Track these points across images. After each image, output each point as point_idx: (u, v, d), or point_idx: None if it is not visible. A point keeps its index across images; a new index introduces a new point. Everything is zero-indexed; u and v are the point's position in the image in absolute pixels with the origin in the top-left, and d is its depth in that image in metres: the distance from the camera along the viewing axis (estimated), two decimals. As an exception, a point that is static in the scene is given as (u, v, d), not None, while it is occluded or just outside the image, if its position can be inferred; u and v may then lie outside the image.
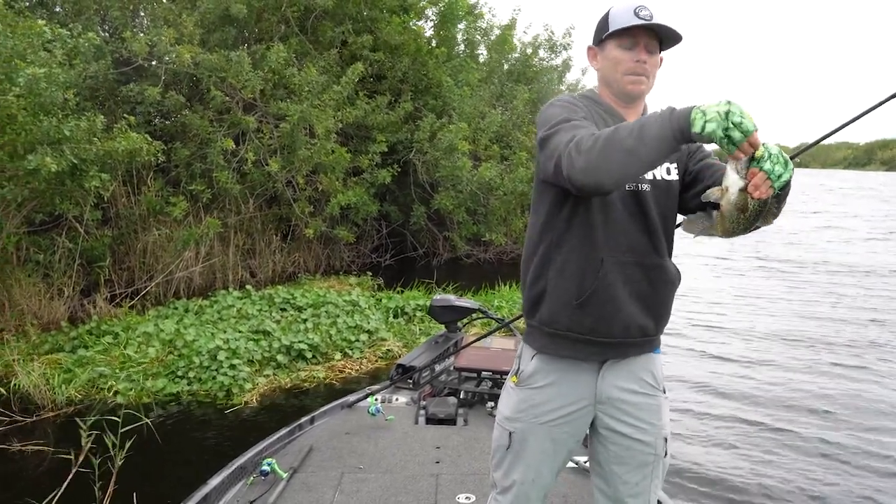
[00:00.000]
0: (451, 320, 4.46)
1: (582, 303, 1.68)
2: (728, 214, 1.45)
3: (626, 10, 1.68)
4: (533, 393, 1.78)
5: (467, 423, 3.54)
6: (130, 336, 5.83)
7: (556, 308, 1.72)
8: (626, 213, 1.69)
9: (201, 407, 4.82)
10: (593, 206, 1.67)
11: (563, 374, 1.76)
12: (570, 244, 1.70)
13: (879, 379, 5.49)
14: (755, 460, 4.04)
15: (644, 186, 1.71)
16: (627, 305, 1.70)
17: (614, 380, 1.75)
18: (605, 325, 1.69)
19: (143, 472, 3.58)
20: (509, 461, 1.81)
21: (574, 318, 1.70)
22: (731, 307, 8.25)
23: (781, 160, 1.34)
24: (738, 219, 1.44)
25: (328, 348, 5.90)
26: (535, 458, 1.78)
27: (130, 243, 7.59)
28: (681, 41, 1.72)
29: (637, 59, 1.70)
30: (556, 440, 1.78)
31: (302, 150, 8.31)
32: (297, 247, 9.54)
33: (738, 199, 1.41)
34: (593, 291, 1.67)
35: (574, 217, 1.69)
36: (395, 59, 10.42)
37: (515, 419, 1.80)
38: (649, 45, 1.71)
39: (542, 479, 1.80)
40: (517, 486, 1.80)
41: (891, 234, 15.99)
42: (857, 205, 25.16)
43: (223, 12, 8.50)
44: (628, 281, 1.69)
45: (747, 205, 1.40)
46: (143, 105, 7.67)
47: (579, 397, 1.76)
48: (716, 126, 1.30)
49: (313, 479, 2.88)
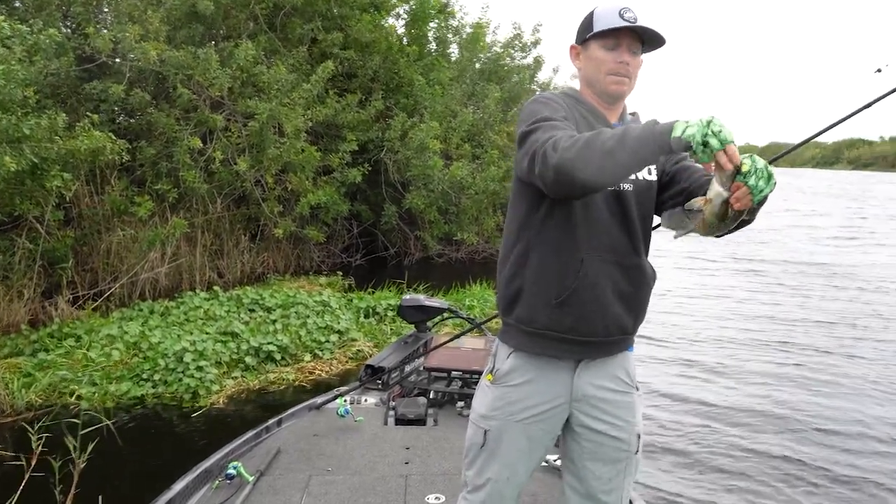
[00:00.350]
0: (421, 320, 4.44)
1: (562, 302, 1.68)
2: (709, 222, 1.49)
3: (611, 11, 1.69)
4: (509, 390, 1.77)
5: (437, 424, 3.52)
6: (94, 339, 5.71)
7: (534, 307, 1.71)
8: (608, 213, 1.70)
9: (167, 410, 4.75)
10: (574, 206, 1.67)
11: (540, 371, 1.75)
12: (548, 243, 1.70)
13: (840, 381, 5.49)
14: (715, 465, 4.02)
15: (626, 186, 1.72)
16: (610, 305, 1.70)
17: (590, 378, 1.76)
18: (585, 325, 1.70)
19: (107, 476, 3.51)
20: (483, 459, 1.80)
21: (553, 317, 1.69)
22: (697, 307, 8.32)
23: (765, 175, 1.35)
24: (717, 225, 1.49)
25: (298, 349, 5.84)
26: (511, 455, 1.77)
27: (94, 244, 7.42)
28: (664, 44, 1.74)
29: (620, 61, 1.71)
30: (531, 438, 1.77)
31: (271, 148, 8.22)
32: (266, 247, 9.42)
33: (720, 209, 1.44)
34: (573, 291, 1.67)
35: (552, 216, 1.69)
36: (366, 58, 10.36)
37: (491, 417, 1.78)
38: (632, 46, 1.72)
39: (517, 477, 1.80)
40: (491, 485, 1.79)
41: (859, 233, 16.31)
42: (827, 203, 25.68)
43: (190, 9, 8.36)
44: (610, 280, 1.70)
45: (727, 214, 1.44)
46: (106, 103, 7.50)
47: (556, 395, 1.75)
48: (695, 131, 1.32)
49: (280, 481, 2.84)
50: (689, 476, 3.89)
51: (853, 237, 15.60)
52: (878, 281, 10.02)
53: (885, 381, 5.47)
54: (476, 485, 1.82)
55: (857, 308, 8.18)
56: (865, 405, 4.95)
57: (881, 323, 7.43)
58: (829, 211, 22.73)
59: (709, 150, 1.32)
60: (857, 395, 5.17)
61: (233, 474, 2.79)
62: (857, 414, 4.79)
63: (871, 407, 4.91)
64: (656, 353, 6.26)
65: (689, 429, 4.53)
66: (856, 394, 5.19)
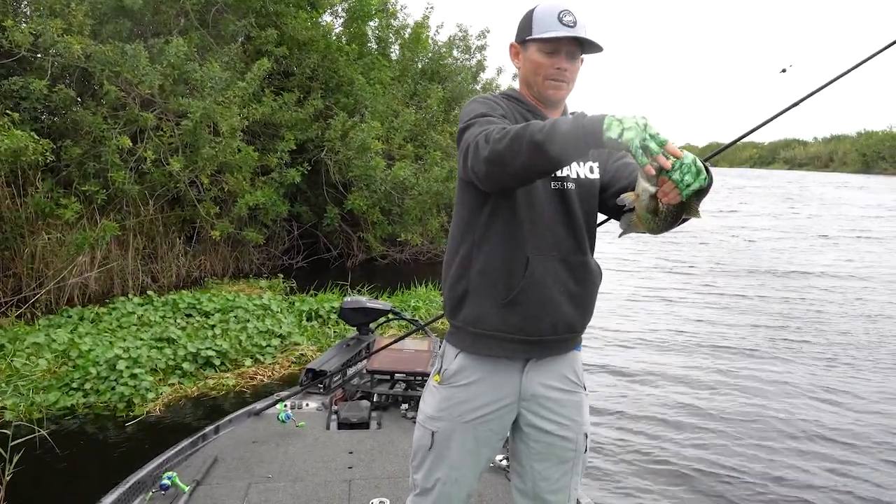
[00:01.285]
0: (363, 322, 4.39)
1: (509, 302, 1.67)
2: (642, 217, 1.49)
3: (551, 14, 1.68)
4: (457, 391, 1.76)
5: (381, 427, 3.48)
6: (18, 347, 5.43)
7: (481, 307, 1.70)
8: (553, 212, 1.70)
9: (99, 419, 4.55)
10: (518, 205, 1.66)
11: (488, 371, 1.74)
12: (492, 243, 1.69)
13: (763, 387, 5.48)
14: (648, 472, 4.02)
15: (569, 185, 1.72)
16: (558, 303, 1.70)
17: (539, 377, 1.76)
18: (533, 324, 1.69)
19: (36, 489, 3.35)
20: (431, 461, 1.78)
21: (501, 318, 1.68)
22: (633, 309, 8.44)
23: (693, 170, 1.33)
24: (653, 220, 1.47)
25: (238, 354, 5.69)
26: (459, 457, 1.76)
27: (17, 248, 7.05)
28: (601, 51, 1.73)
29: (558, 67, 1.71)
30: (479, 438, 1.76)
31: (206, 148, 7.98)
32: (202, 250, 9.16)
33: (650, 204, 1.44)
34: (521, 290, 1.67)
35: (496, 216, 1.68)
36: (304, 56, 10.19)
37: (438, 418, 1.77)
38: (571, 51, 1.71)
39: (466, 479, 1.78)
40: (440, 487, 1.78)
41: (797, 233, 16.83)
42: (764, 203, 26.44)
43: (116, 3, 8.05)
44: (556, 279, 1.70)
45: (658, 209, 1.44)
46: (28, 101, 7.14)
47: (504, 395, 1.75)
48: (634, 135, 1.30)
49: (218, 491, 2.75)
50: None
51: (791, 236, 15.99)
52: (818, 282, 10.28)
53: (816, 384, 5.53)
54: (424, 487, 1.80)
55: (796, 309, 8.28)
56: (792, 406, 5.01)
57: (818, 326, 7.46)
58: (771, 211, 23.28)
59: (648, 154, 1.31)
60: (779, 395, 5.23)
61: (167, 485, 2.69)
62: (774, 413, 4.85)
63: (800, 409, 4.96)
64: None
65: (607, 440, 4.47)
66: (780, 394, 5.25)
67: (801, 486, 3.81)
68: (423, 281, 8.54)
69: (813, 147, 78.08)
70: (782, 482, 3.85)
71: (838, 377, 5.72)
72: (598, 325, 7.21)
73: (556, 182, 1.71)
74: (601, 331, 7.05)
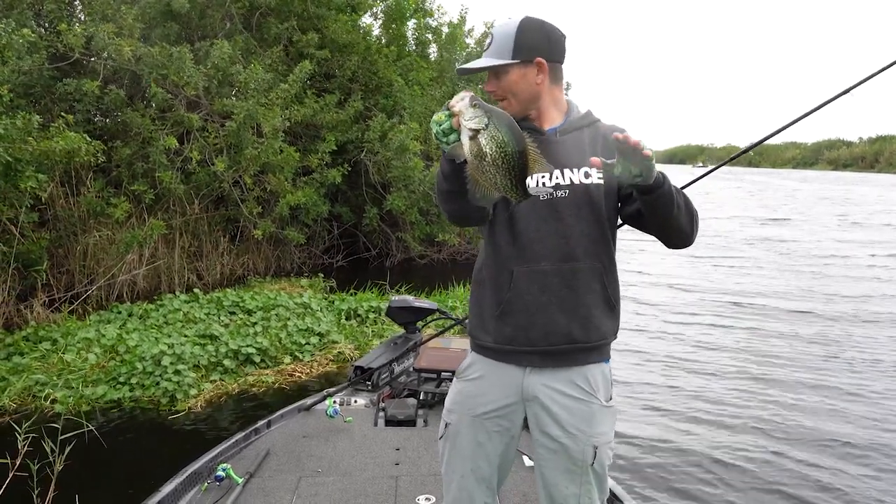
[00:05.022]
0: (410, 321, 4.41)
1: (500, 314, 1.74)
2: (473, 168, 1.47)
3: (482, 42, 1.75)
4: (467, 385, 1.83)
5: (427, 425, 3.50)
6: (70, 342, 5.59)
7: (481, 319, 1.80)
8: (540, 222, 1.70)
9: (144, 413, 4.67)
10: (499, 223, 1.75)
11: (492, 369, 1.79)
12: (488, 260, 1.79)
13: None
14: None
15: (559, 193, 1.71)
16: (547, 313, 1.70)
17: (541, 379, 1.74)
18: (522, 334, 1.72)
19: (85, 479, 3.44)
20: (448, 452, 1.84)
21: (496, 329, 1.76)
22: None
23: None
24: (483, 168, 1.45)
25: (278, 352, 5.77)
26: (469, 449, 1.80)
27: (70, 246, 7.27)
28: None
29: (488, 90, 1.79)
30: (486, 433, 1.79)
31: (249, 149, 8.13)
32: (245, 248, 9.32)
33: (470, 146, 1.45)
34: (507, 302, 1.73)
35: (490, 234, 1.78)
36: (344, 58, 10.30)
37: (452, 410, 1.85)
38: (489, 74, 1.77)
39: (480, 471, 1.80)
40: (458, 479, 1.82)
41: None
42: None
43: (165, 7, 8.25)
44: (545, 289, 1.70)
45: (482, 150, 1.43)
46: (81, 103, 7.36)
47: (507, 394, 1.77)
48: (434, 134, 1.51)
49: (270, 483, 2.80)
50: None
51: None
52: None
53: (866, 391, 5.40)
54: (446, 480, 1.86)
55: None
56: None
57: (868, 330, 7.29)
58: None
59: (445, 140, 1.49)
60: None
61: (222, 476, 2.75)
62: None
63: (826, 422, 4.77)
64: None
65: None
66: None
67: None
68: (460, 281, 8.53)
69: (858, 148, 75.93)
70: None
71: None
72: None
73: (545, 192, 1.70)
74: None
